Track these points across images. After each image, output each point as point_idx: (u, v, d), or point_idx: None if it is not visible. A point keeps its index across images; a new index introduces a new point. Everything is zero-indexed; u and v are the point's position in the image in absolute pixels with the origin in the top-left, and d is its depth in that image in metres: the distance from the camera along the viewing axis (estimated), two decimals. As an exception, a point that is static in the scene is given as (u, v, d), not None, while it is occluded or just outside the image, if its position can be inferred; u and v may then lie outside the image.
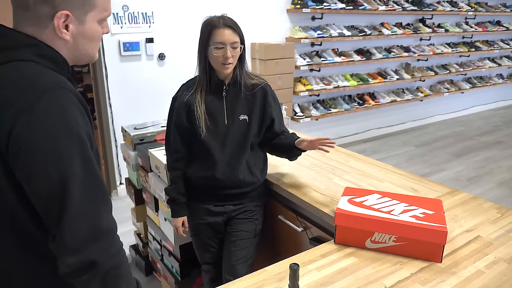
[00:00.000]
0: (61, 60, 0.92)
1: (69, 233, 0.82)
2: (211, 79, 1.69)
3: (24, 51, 0.87)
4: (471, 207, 1.67)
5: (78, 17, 0.90)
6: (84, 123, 0.87)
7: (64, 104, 0.83)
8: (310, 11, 4.23)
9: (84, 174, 0.84)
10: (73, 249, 0.83)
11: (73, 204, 0.82)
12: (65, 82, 0.87)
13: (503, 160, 4.79)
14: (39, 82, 0.83)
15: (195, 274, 2.18)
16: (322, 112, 4.68)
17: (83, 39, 0.93)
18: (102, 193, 0.88)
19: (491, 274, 1.25)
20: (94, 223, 0.85)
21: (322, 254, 1.36)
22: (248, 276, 1.26)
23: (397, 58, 5.18)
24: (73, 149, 0.83)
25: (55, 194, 0.81)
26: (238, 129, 1.72)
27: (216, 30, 1.60)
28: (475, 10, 5.94)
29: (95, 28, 0.94)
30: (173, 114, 1.74)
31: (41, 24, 0.88)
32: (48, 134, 0.81)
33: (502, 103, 7.50)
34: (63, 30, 0.89)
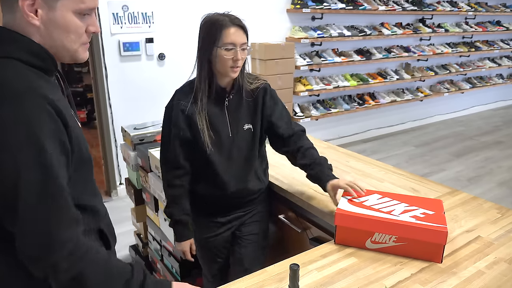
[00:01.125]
0: (45, 54, 0.90)
1: (24, 242, 0.82)
2: (211, 86, 1.53)
3: (5, 46, 0.85)
4: (471, 207, 1.66)
5: (47, 2, 0.86)
6: (56, 130, 0.84)
7: (27, 111, 0.80)
8: (310, 11, 4.23)
9: (41, 183, 0.81)
10: (29, 258, 0.83)
11: (25, 213, 0.81)
12: (38, 86, 0.84)
13: (503, 160, 4.78)
14: (7, 86, 0.81)
15: (195, 274, 2.18)
16: (322, 112, 4.68)
17: (55, 28, 0.88)
18: (59, 203, 0.84)
19: (491, 275, 1.25)
20: (49, 233, 0.82)
21: (322, 254, 1.36)
22: (248, 276, 1.26)
23: (397, 58, 5.18)
24: (30, 158, 0.80)
25: (8, 202, 0.81)
26: (243, 141, 1.61)
27: (225, 29, 1.45)
28: (475, 10, 5.94)
29: (69, 18, 0.88)
30: (171, 125, 1.55)
31: (12, 10, 0.86)
32: (4, 141, 0.79)
33: (502, 103, 7.50)
34: (29, 14, 0.85)
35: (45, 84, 0.87)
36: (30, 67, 0.87)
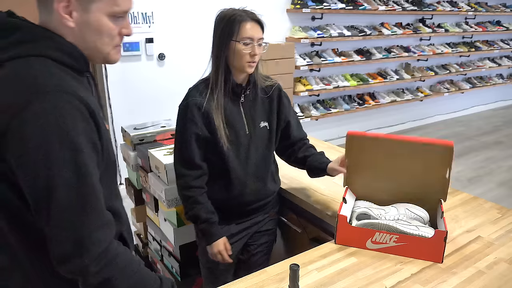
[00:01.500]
0: (78, 54, 0.90)
1: (55, 241, 0.81)
2: (227, 82, 1.49)
3: (39, 45, 0.86)
4: (472, 207, 1.66)
5: (82, 4, 0.86)
6: (88, 129, 0.84)
7: (60, 108, 0.80)
8: (310, 11, 4.23)
9: (74, 183, 0.81)
10: (60, 258, 0.82)
11: (57, 212, 0.80)
12: (70, 86, 0.84)
13: (503, 160, 4.78)
14: (40, 83, 0.81)
15: (195, 275, 2.18)
16: (322, 112, 4.68)
17: (89, 30, 0.89)
18: (92, 204, 0.84)
19: (491, 275, 1.25)
20: (80, 234, 0.81)
21: (322, 254, 1.35)
22: (248, 276, 1.26)
23: (397, 58, 5.17)
24: (65, 156, 0.80)
25: (41, 200, 0.80)
26: (260, 139, 1.58)
27: (244, 23, 1.42)
28: (475, 10, 5.93)
29: (103, 21, 0.89)
30: (187, 123, 1.48)
31: (48, 9, 0.87)
32: (39, 138, 0.78)
33: (502, 103, 7.50)
34: (64, 16, 0.86)
35: (76, 84, 0.87)
36: (61, 66, 0.87)
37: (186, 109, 1.49)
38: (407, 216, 1.42)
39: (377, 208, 1.47)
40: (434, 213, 1.47)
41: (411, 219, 1.41)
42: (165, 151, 2.00)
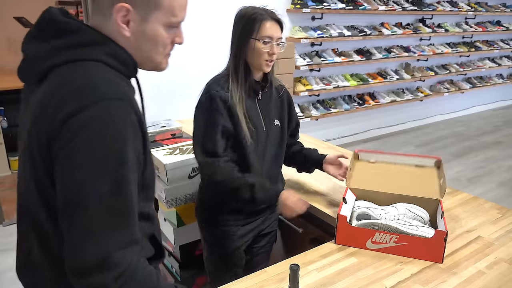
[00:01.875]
0: (130, 61, 0.90)
1: (76, 253, 0.76)
2: (247, 79, 1.49)
3: (95, 49, 0.85)
4: (472, 207, 1.66)
5: (141, 14, 0.86)
6: (136, 143, 0.82)
7: (115, 117, 0.77)
8: (310, 11, 4.23)
9: (110, 196, 0.77)
10: (79, 271, 0.77)
11: (85, 223, 0.76)
12: (127, 95, 0.82)
13: (503, 160, 4.78)
14: (99, 88, 0.79)
15: (195, 275, 2.18)
16: (322, 112, 4.67)
17: (145, 39, 0.89)
18: (123, 220, 0.79)
19: (492, 275, 1.24)
20: (105, 251, 0.76)
21: (322, 254, 1.35)
22: (248, 276, 1.25)
23: (397, 58, 5.17)
24: (108, 167, 0.77)
25: (70, 205, 0.77)
26: (274, 137, 1.59)
27: (264, 22, 1.43)
28: (475, 10, 5.93)
29: (159, 31, 0.89)
30: (213, 114, 1.45)
31: (106, 16, 0.86)
32: (87, 143, 0.76)
33: (502, 103, 7.50)
34: (122, 25, 0.85)
35: (129, 90, 0.86)
36: (115, 72, 0.86)
37: (211, 100, 1.45)
38: (407, 216, 1.42)
39: (377, 208, 1.46)
40: (434, 213, 1.47)
41: (411, 219, 1.41)
42: (165, 151, 2.00)
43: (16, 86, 4.32)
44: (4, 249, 2.89)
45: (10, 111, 4.19)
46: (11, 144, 3.99)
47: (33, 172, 0.85)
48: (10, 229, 3.14)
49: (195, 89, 1.63)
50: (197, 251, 2.05)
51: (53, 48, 0.83)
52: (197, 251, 2.05)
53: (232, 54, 1.49)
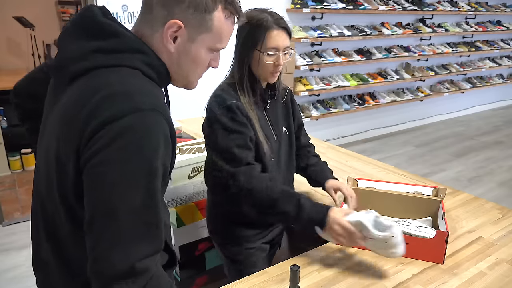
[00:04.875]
0: (165, 73, 0.91)
1: (103, 262, 0.75)
2: (255, 89, 1.41)
3: (134, 56, 0.84)
4: (473, 207, 1.66)
5: (190, 33, 0.88)
6: (165, 154, 0.81)
7: (149, 128, 0.77)
8: (310, 11, 4.23)
9: (141, 207, 0.76)
10: (103, 280, 0.76)
11: (113, 233, 0.75)
12: (162, 106, 0.81)
13: (504, 160, 4.78)
14: (135, 98, 0.78)
15: (195, 275, 2.17)
16: (322, 112, 4.67)
17: (187, 58, 0.90)
18: (153, 232, 0.79)
19: (493, 275, 1.24)
20: (130, 260, 0.75)
21: (323, 255, 1.35)
22: (248, 277, 1.25)
23: (397, 58, 5.17)
24: (140, 178, 0.76)
25: (100, 216, 0.76)
26: (284, 145, 1.52)
27: (270, 32, 1.32)
28: (475, 10, 5.93)
29: (202, 53, 0.91)
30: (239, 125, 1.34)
31: (154, 27, 0.87)
32: (119, 155, 0.75)
33: (502, 103, 7.50)
34: (169, 39, 0.87)
35: (162, 100, 0.86)
36: (149, 79, 0.86)
37: (230, 111, 1.33)
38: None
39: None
40: (435, 214, 1.46)
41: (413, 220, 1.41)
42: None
43: (16, 86, 4.33)
44: (4, 249, 2.88)
45: (10, 111, 4.18)
46: (11, 144, 3.98)
47: (57, 175, 0.84)
48: (10, 229, 3.13)
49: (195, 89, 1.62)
50: (197, 251, 2.05)
51: (90, 49, 0.82)
52: (197, 252, 2.04)
53: (236, 62, 1.40)
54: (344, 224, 1.19)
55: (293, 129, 1.59)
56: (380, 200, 1.54)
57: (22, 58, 5.22)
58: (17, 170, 4.10)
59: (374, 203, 1.54)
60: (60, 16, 5.44)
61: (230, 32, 0.94)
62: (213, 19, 0.89)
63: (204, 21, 0.88)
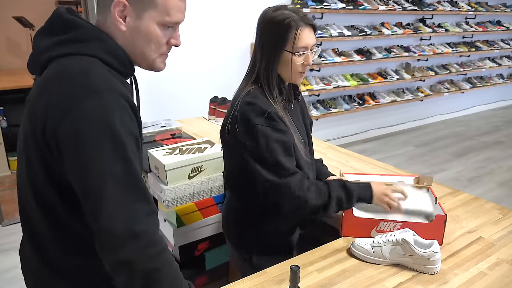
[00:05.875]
0: (124, 56, 0.94)
1: (105, 232, 0.82)
2: (281, 92, 1.37)
3: (91, 44, 0.90)
4: (473, 207, 1.66)
5: (136, 11, 0.91)
6: (133, 128, 0.88)
7: (111, 107, 0.83)
8: (310, 11, 4.22)
9: (123, 175, 0.83)
10: (109, 249, 0.83)
11: (108, 204, 0.82)
12: (117, 87, 0.87)
13: (504, 160, 4.78)
14: (94, 82, 0.84)
15: (194, 275, 2.17)
16: (322, 112, 4.67)
17: (138, 35, 0.93)
18: (140, 194, 0.86)
19: (493, 276, 1.24)
20: (129, 223, 0.83)
21: (323, 255, 1.35)
22: (248, 277, 1.25)
23: (397, 58, 5.17)
24: (114, 150, 0.83)
25: (92, 193, 0.82)
26: (307, 144, 1.52)
27: (298, 31, 1.27)
28: (475, 10, 5.93)
29: (153, 29, 0.93)
30: (282, 134, 1.32)
31: (106, 12, 0.92)
32: (91, 135, 0.81)
33: (502, 103, 7.49)
34: (118, 19, 0.91)
35: (121, 85, 0.90)
36: (111, 69, 0.91)
37: (271, 120, 1.31)
38: None
39: None
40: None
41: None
42: (164, 151, 1.99)
43: (16, 86, 4.32)
44: (3, 249, 2.88)
45: (10, 111, 4.19)
46: (11, 144, 3.98)
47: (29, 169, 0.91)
48: (9, 229, 3.13)
49: (194, 89, 1.62)
50: (197, 251, 2.04)
51: (53, 42, 0.89)
52: (197, 252, 2.04)
53: (263, 66, 1.33)
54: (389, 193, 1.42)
55: (308, 127, 1.58)
56: None
57: (22, 58, 5.22)
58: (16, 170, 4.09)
59: None
60: (60, 16, 5.45)
61: (179, 5, 0.95)
62: None
63: None
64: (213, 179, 1.90)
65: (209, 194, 1.94)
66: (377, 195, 1.40)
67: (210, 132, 2.57)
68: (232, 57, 3.92)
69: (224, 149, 1.48)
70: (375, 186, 1.41)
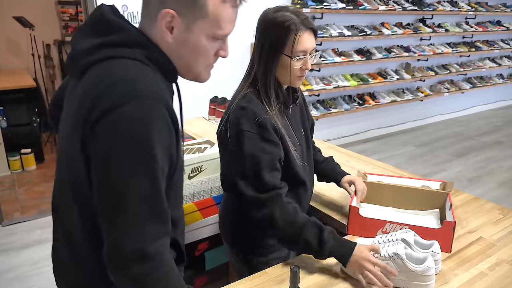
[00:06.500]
0: (168, 66, 0.89)
1: (115, 247, 0.80)
2: (278, 96, 1.33)
3: (136, 50, 0.85)
4: (473, 207, 1.66)
5: (185, 22, 0.85)
6: (167, 141, 0.82)
7: (150, 117, 0.78)
8: (310, 11, 4.22)
9: (146, 193, 0.79)
10: (117, 265, 0.81)
11: (125, 220, 0.79)
12: (162, 96, 0.82)
13: (504, 160, 4.78)
14: (138, 88, 0.79)
15: (194, 275, 2.17)
16: (322, 112, 4.67)
17: (185, 47, 0.88)
18: (159, 216, 0.82)
19: (493, 276, 1.24)
20: (142, 245, 0.79)
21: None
22: (248, 278, 1.25)
23: (397, 58, 5.16)
24: (141, 164, 0.78)
25: (110, 204, 0.79)
26: (305, 148, 1.48)
27: (297, 35, 1.24)
28: (475, 10, 5.92)
29: (202, 41, 0.88)
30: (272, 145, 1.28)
31: (151, 20, 0.87)
32: (123, 142, 0.77)
33: (502, 103, 7.49)
34: (165, 30, 0.86)
35: (166, 90, 0.86)
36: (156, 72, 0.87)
37: (261, 128, 1.26)
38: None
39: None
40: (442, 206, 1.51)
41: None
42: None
43: (16, 86, 4.32)
44: (3, 249, 2.88)
45: (10, 111, 4.18)
46: (11, 144, 3.98)
47: (70, 171, 0.87)
48: (9, 229, 3.13)
49: (194, 89, 1.61)
50: (197, 251, 2.04)
51: (95, 44, 0.84)
52: (197, 252, 2.04)
53: (261, 69, 1.30)
54: (375, 261, 1.17)
55: (309, 129, 1.55)
56: (389, 193, 1.58)
57: (22, 58, 5.22)
58: (16, 170, 4.09)
59: (384, 195, 1.58)
60: (60, 16, 5.43)
61: (231, 17, 0.89)
62: (207, 4, 0.85)
63: (198, 7, 0.84)
64: (213, 179, 1.90)
65: (209, 194, 1.93)
66: (355, 262, 1.19)
67: (210, 132, 2.57)
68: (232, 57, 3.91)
69: (219, 150, 1.47)
70: (359, 250, 1.20)
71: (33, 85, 4.44)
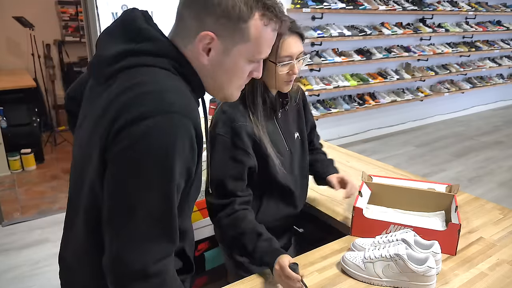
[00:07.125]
0: (198, 84, 0.87)
1: (116, 260, 0.77)
2: (265, 101, 1.31)
3: (165, 60, 0.82)
4: (473, 208, 1.66)
5: (224, 45, 0.82)
6: (189, 158, 0.79)
7: (175, 132, 0.75)
8: (310, 10, 4.22)
9: (157, 209, 0.76)
10: (116, 281, 0.78)
11: (131, 234, 0.76)
12: (190, 109, 0.79)
13: (504, 160, 4.77)
14: (164, 99, 0.76)
15: (194, 276, 2.17)
16: (322, 112, 4.67)
17: (221, 69, 0.86)
18: (167, 233, 0.79)
19: (494, 276, 1.24)
20: (146, 263, 0.77)
21: (323, 255, 1.34)
22: (248, 278, 1.25)
23: (397, 58, 5.16)
24: (158, 180, 0.75)
25: (118, 215, 0.76)
26: (297, 151, 1.46)
27: (282, 40, 1.22)
28: (475, 10, 5.92)
29: (239, 64, 0.85)
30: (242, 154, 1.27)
31: (186, 39, 0.84)
32: (141, 155, 0.74)
33: (502, 103, 7.49)
34: (201, 52, 0.83)
35: (194, 103, 0.84)
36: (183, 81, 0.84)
37: (235, 136, 1.26)
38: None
39: None
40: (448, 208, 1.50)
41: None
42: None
43: (16, 86, 4.32)
44: (3, 249, 2.88)
45: (9, 111, 4.18)
46: (11, 144, 3.97)
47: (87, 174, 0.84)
48: (9, 229, 3.13)
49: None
50: (196, 251, 2.04)
51: (125, 51, 0.82)
52: (196, 252, 2.04)
53: None
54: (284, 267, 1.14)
55: (305, 132, 1.52)
56: (394, 194, 1.57)
57: (22, 58, 5.21)
58: (16, 170, 4.09)
59: (389, 197, 1.57)
60: (60, 16, 5.42)
61: (271, 40, 0.87)
62: (249, 28, 0.81)
63: (239, 31, 0.81)
64: (213, 179, 1.90)
65: (209, 194, 1.93)
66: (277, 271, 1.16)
67: (210, 132, 2.57)
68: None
69: None
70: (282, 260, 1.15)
71: (33, 85, 4.44)
